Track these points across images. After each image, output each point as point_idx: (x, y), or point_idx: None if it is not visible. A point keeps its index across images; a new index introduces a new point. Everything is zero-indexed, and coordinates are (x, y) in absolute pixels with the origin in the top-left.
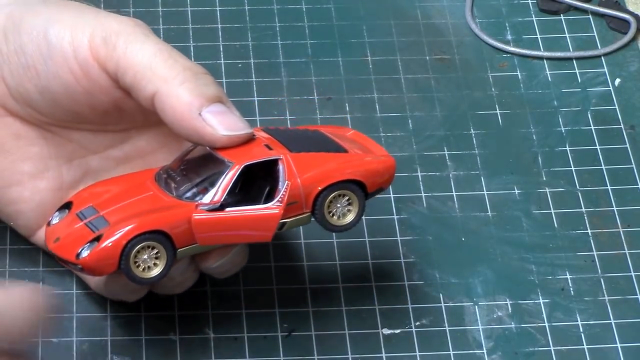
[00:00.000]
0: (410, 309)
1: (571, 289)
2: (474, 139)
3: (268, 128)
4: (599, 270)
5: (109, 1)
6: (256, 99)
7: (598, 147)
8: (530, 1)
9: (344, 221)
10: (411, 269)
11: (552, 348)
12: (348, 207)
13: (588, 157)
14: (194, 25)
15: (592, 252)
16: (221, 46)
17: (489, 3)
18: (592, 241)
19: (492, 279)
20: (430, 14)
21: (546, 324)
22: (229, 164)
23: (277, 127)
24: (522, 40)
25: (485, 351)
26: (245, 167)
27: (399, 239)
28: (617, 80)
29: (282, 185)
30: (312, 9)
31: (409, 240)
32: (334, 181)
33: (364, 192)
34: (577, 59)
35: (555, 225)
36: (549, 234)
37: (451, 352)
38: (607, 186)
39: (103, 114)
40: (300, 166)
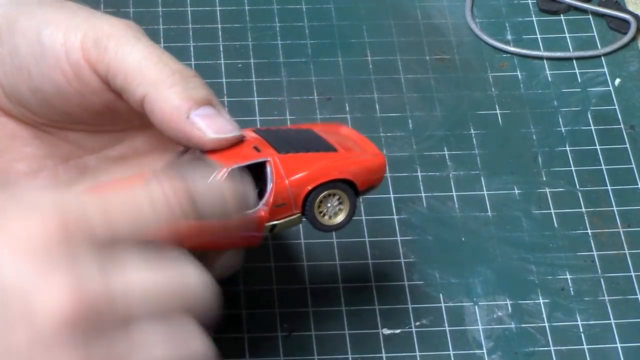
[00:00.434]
0: (410, 309)
1: (571, 289)
2: (474, 139)
3: (259, 129)
4: (599, 270)
5: (109, 1)
6: (256, 99)
7: (598, 147)
8: (530, 1)
9: (335, 221)
10: (411, 269)
11: (552, 348)
12: (339, 207)
13: (588, 157)
14: (194, 25)
15: (592, 252)
16: (221, 46)
17: (489, 3)
18: (592, 241)
19: (492, 279)
20: (430, 14)
21: (546, 324)
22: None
23: (269, 128)
24: (522, 40)
25: (485, 351)
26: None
27: (399, 239)
28: (617, 80)
29: (270, 188)
30: (312, 9)
31: (409, 240)
32: (322, 181)
33: (355, 190)
34: (577, 59)
35: (555, 225)
36: (549, 234)
37: (451, 352)
38: (607, 186)
39: (96, 115)
40: (288, 167)
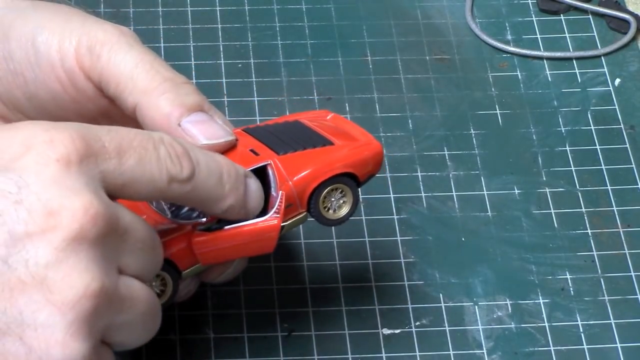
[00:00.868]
0: (410, 309)
1: (571, 289)
2: (474, 139)
3: (248, 128)
4: (599, 270)
5: (109, 1)
6: (256, 99)
7: (598, 147)
8: (530, 1)
9: (339, 214)
10: (411, 269)
11: (552, 348)
12: (342, 199)
13: (588, 157)
14: (194, 25)
15: (592, 252)
16: (221, 46)
17: (489, 3)
18: (592, 241)
19: (492, 279)
20: (430, 14)
21: (546, 324)
22: None
23: (257, 125)
24: (522, 40)
25: (485, 351)
26: None
27: (399, 239)
28: (617, 80)
29: (275, 191)
30: (312, 9)
31: (409, 240)
32: (325, 178)
33: (356, 181)
34: (577, 59)
35: (555, 225)
36: (549, 234)
37: (451, 352)
38: (607, 186)
39: (91, 120)
40: (289, 168)
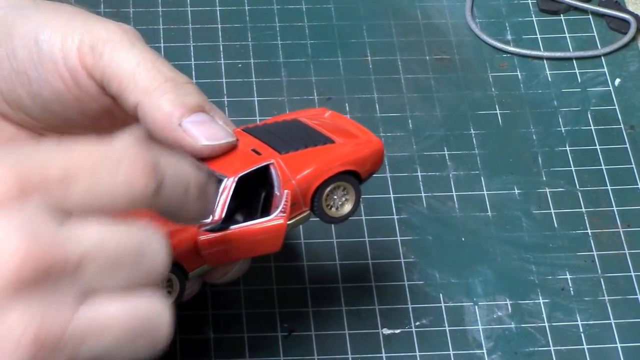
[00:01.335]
0: (410, 309)
1: (571, 289)
2: (474, 139)
3: (247, 127)
4: (599, 270)
5: (109, 1)
6: (256, 99)
7: (598, 147)
8: (530, 1)
9: (342, 211)
10: (411, 269)
11: (552, 348)
12: (345, 197)
13: (588, 157)
14: (194, 25)
15: (592, 252)
16: (221, 46)
17: (489, 3)
18: (592, 241)
19: (492, 279)
20: (430, 14)
21: (546, 324)
22: (222, 178)
23: (256, 125)
24: (522, 40)
25: (485, 351)
26: (238, 178)
27: (399, 239)
28: (617, 80)
29: (278, 190)
30: (312, 9)
31: (409, 240)
32: (329, 176)
33: (358, 179)
34: (577, 59)
35: (555, 225)
36: (549, 234)
37: (451, 352)
38: (607, 186)
39: (94, 119)
40: (292, 167)
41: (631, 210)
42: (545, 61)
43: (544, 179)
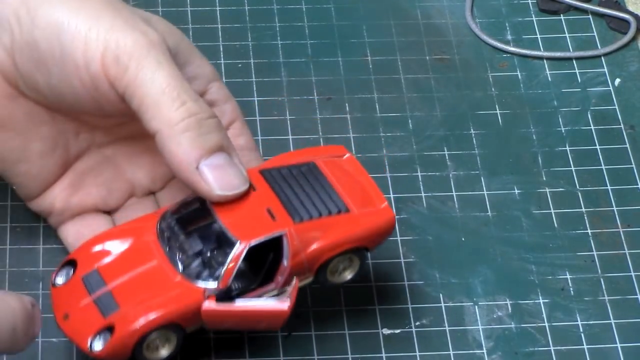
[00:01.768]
0: (410, 309)
1: (571, 289)
2: (474, 139)
3: (264, 170)
4: (599, 270)
5: None
6: (256, 99)
7: (598, 147)
8: (530, 1)
9: (343, 278)
10: (411, 269)
11: (552, 348)
12: (349, 266)
13: (588, 157)
14: (194, 25)
15: (592, 252)
16: (221, 46)
17: (489, 3)
18: (592, 241)
19: (492, 279)
20: (430, 14)
21: (546, 324)
22: (234, 241)
23: (273, 167)
24: (522, 40)
25: (485, 351)
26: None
27: (399, 239)
28: (617, 80)
29: (287, 261)
30: (312, 9)
31: (409, 240)
32: (338, 252)
33: (366, 250)
34: (577, 59)
35: (555, 225)
36: (549, 234)
37: (451, 352)
38: (607, 186)
39: (108, 117)
40: (304, 238)
41: (631, 210)
42: (545, 61)
43: (544, 179)
